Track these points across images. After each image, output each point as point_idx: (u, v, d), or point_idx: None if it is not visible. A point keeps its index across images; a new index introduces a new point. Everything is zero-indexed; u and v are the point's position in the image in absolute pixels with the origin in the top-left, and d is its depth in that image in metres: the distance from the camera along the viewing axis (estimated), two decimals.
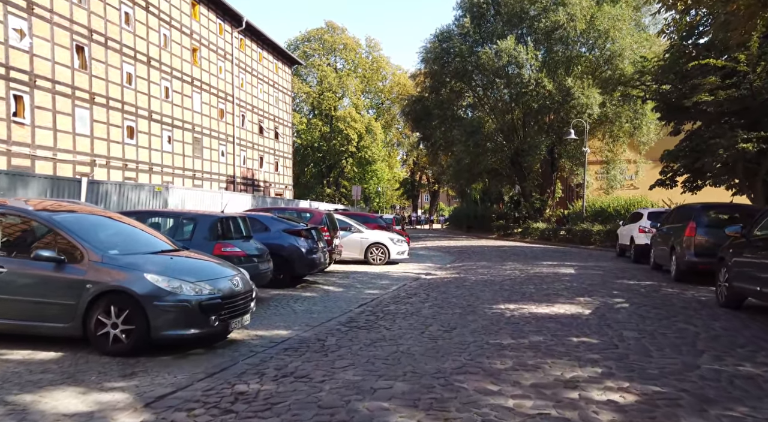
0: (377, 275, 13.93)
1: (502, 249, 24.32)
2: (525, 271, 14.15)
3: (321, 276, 13.40)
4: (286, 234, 11.30)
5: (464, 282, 12.23)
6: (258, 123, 40.25)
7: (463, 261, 18.34)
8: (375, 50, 56.40)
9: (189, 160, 31.65)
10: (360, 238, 16.41)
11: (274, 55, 42.82)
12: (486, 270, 14.89)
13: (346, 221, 16.61)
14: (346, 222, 16.59)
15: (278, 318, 8.14)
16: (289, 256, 11.13)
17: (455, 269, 15.51)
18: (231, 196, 18.83)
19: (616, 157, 32.38)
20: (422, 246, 27.31)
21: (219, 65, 34.96)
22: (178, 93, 30.60)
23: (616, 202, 27.24)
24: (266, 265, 9.53)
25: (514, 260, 18.10)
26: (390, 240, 16.53)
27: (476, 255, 20.66)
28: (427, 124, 34.32)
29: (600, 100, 28.23)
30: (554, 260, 17.94)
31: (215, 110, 34.45)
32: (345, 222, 16.55)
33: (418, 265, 16.68)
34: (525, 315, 7.88)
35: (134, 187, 13.46)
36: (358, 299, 9.99)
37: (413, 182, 64.81)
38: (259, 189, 40.03)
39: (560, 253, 21.42)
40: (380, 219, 19.34)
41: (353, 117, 51.50)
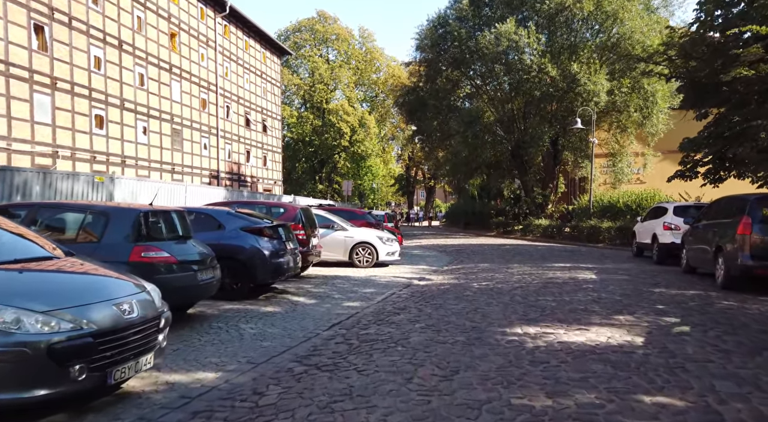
0: (362, 281, 11.67)
1: (503, 248, 22.08)
2: (536, 276, 11.90)
3: (294, 282, 11.13)
4: (245, 234, 9.02)
5: (465, 290, 9.97)
6: (244, 115, 37.88)
7: (462, 262, 16.10)
8: (368, 41, 54.02)
9: (167, 153, 29.30)
10: (344, 237, 14.14)
11: (262, 43, 40.42)
12: (489, 274, 12.64)
13: (328, 218, 14.34)
14: (328, 219, 14.32)
15: (213, 349, 5.87)
16: (247, 260, 8.86)
17: (453, 273, 13.26)
18: (198, 189, 16.52)
19: (623, 150, 30.17)
20: (416, 244, 25.05)
21: (200, 52, 32.57)
22: (155, 80, 28.22)
23: (626, 197, 25.02)
24: (210, 274, 7.25)
25: (519, 261, 15.87)
26: (378, 240, 14.26)
27: (476, 256, 18.42)
28: (422, 116, 32.00)
29: (608, 87, 26.00)
30: (565, 261, 15.71)
31: (196, 100, 32.06)
32: (326, 219, 14.29)
33: (411, 268, 14.43)
34: (554, 346, 5.62)
35: (66, 176, 11.20)
36: (330, 316, 7.73)
37: (408, 178, 62.48)
38: (246, 184, 37.69)
39: (569, 253, 19.20)
40: (369, 216, 17.08)
41: (346, 110, 49.12)
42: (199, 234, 8.97)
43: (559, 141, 29.78)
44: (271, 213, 11.60)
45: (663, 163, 32.14)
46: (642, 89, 26.28)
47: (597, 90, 25.45)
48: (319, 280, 11.60)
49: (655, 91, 26.11)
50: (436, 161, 38.91)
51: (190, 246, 7.22)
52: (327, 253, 13.97)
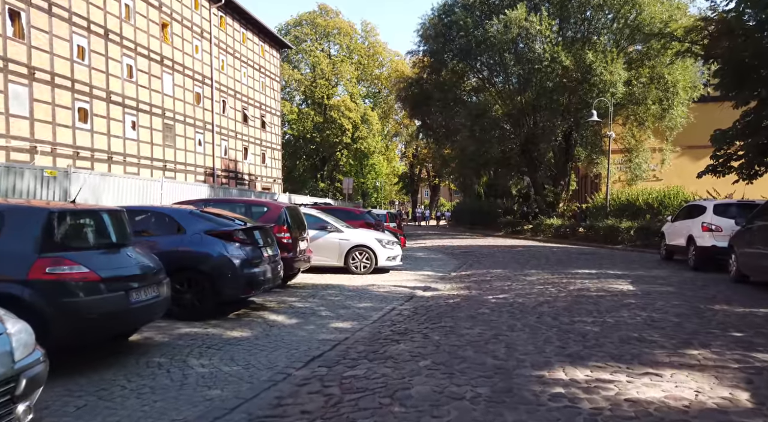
0: (357, 291, 9.93)
1: (514, 250, 20.29)
2: (561, 286, 10.13)
3: (276, 294, 9.39)
4: (210, 238, 7.28)
5: (479, 306, 8.21)
6: (242, 110, 36.20)
7: (472, 267, 14.33)
8: (371, 35, 52.22)
9: (158, 149, 27.64)
10: (338, 240, 12.38)
11: (260, 36, 38.71)
12: (505, 283, 10.88)
13: (320, 218, 12.59)
14: (320, 219, 12.57)
15: (136, 404, 4.14)
16: (212, 271, 7.13)
17: (463, 281, 11.50)
18: (177, 186, 14.78)
19: (640, 145, 28.27)
20: (421, 245, 23.28)
21: (195, 44, 30.88)
22: (144, 72, 26.55)
23: (646, 195, 23.15)
24: (152, 293, 5.52)
25: (536, 266, 14.09)
26: (377, 243, 12.51)
27: (486, 259, 16.63)
28: (427, 110, 30.18)
29: (625, 77, 24.12)
30: (588, 266, 13.91)
31: (190, 94, 30.38)
32: (319, 220, 12.54)
33: (415, 274, 12.67)
34: (621, 407, 3.85)
35: (6, 169, 9.47)
36: (311, 345, 5.99)
37: (412, 176, 60.62)
38: (244, 182, 36.02)
39: (588, 256, 17.38)
40: (367, 216, 15.32)
41: (348, 106, 47.32)
42: (153, 238, 7.26)
43: (573, 135, 27.90)
44: (250, 213, 9.86)
45: (680, 159, 30.30)
46: (662, 79, 24.39)
47: (614, 80, 23.58)
48: (307, 291, 9.86)
49: (675, 81, 24.23)
50: (442, 158, 37.09)
51: (125, 257, 5.48)
52: (319, 258, 12.23)
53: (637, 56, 25.64)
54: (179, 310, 7.09)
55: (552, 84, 25.26)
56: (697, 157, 32.79)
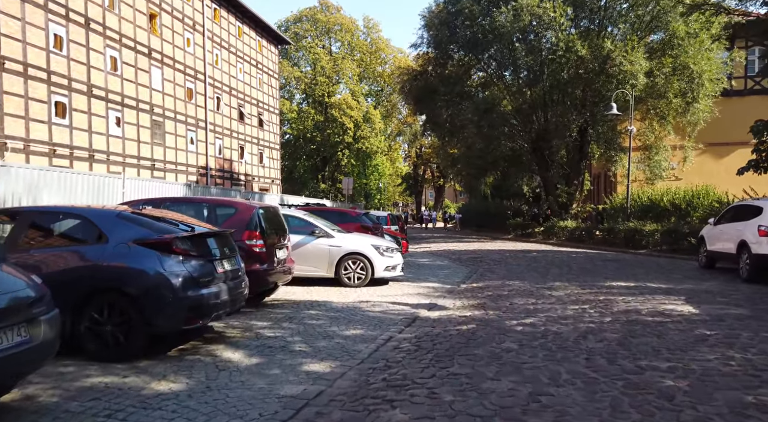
0: (346, 311, 7.98)
1: (529, 255, 18.28)
2: (601, 306, 8.14)
3: (245, 316, 7.46)
4: (140, 249, 5.35)
5: (502, 338, 6.24)
6: (237, 107, 34.34)
7: (484, 277, 12.35)
8: (373, 32, 50.23)
9: (146, 148, 25.79)
10: (328, 247, 10.44)
11: (257, 31, 36.87)
12: (528, 300, 8.90)
13: (307, 221, 10.65)
14: (307, 222, 10.63)
15: None
16: (141, 294, 5.21)
17: (476, 296, 9.52)
18: (146, 184, 12.77)
19: (660, 141, 26.17)
20: (425, 250, 21.32)
21: (186, 37, 29.06)
22: (130, 65, 24.72)
23: (671, 195, 21.07)
24: (16, 338, 3.59)
25: (559, 276, 12.11)
26: (374, 250, 10.56)
27: (499, 266, 14.65)
28: (431, 104, 28.17)
29: (646, 68, 22.08)
30: (621, 277, 11.90)
31: (181, 89, 28.55)
32: (305, 223, 10.61)
33: (417, 287, 10.71)
34: None
35: None
36: (267, 403, 4.06)
37: (416, 177, 58.58)
38: (240, 183, 34.16)
39: (614, 263, 15.35)
40: (364, 218, 13.35)
41: (349, 104, 45.37)
42: (60, 250, 5.33)
43: (588, 131, 25.83)
44: (214, 216, 7.94)
45: (701, 157, 28.17)
46: (686, 69, 22.32)
47: (635, 70, 21.55)
48: (283, 312, 7.91)
49: (701, 71, 22.17)
50: (447, 156, 35.08)
51: None
52: (305, 268, 10.30)
53: (658, 46, 23.58)
54: (96, 348, 5.18)
55: (567, 75, 23.23)
56: (719, 154, 30.72)
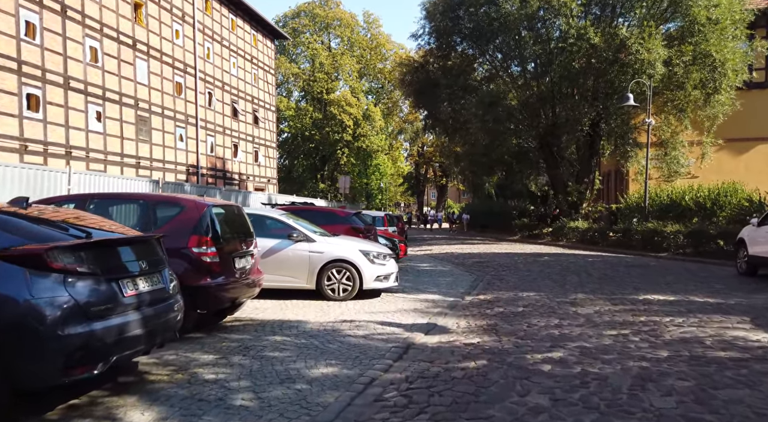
0: (321, 336, 6.24)
1: (540, 259, 16.52)
2: (647, 332, 6.37)
3: (189, 343, 5.74)
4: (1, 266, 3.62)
5: (526, 385, 4.49)
6: (231, 103, 32.68)
7: (492, 287, 10.61)
8: (374, 27, 48.48)
9: (131, 144, 24.14)
10: (308, 253, 8.71)
11: (252, 25, 35.22)
12: (550, 320, 7.16)
13: (284, 223, 8.94)
14: (284, 224, 8.91)
15: None
16: None
17: (484, 314, 7.79)
18: (97, 179, 10.95)
19: (676, 137, 24.35)
20: (426, 253, 19.59)
21: (175, 28, 27.41)
22: (112, 57, 23.07)
23: (693, 193, 19.24)
24: None
25: (579, 285, 10.36)
26: (362, 257, 8.83)
27: (509, 273, 12.90)
28: (433, 98, 26.40)
29: (665, 56, 20.28)
30: (654, 287, 10.13)
31: (169, 83, 26.90)
32: (282, 225, 8.90)
33: (414, 300, 8.97)
34: None
35: None
36: None
37: (418, 176, 56.77)
38: (233, 182, 32.51)
39: (638, 268, 13.56)
40: (355, 219, 11.61)
41: (349, 101, 43.63)
42: None
43: (600, 126, 23.99)
44: (153, 217, 6.21)
45: (718, 154, 26.32)
46: (707, 58, 20.51)
47: (652, 59, 19.77)
48: (242, 338, 6.17)
49: (724, 59, 20.36)
50: (450, 154, 33.32)
51: None
52: (280, 278, 8.61)
53: (676, 33, 21.76)
54: None
55: (578, 66, 21.44)
56: (738, 150, 28.83)
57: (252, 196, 18.02)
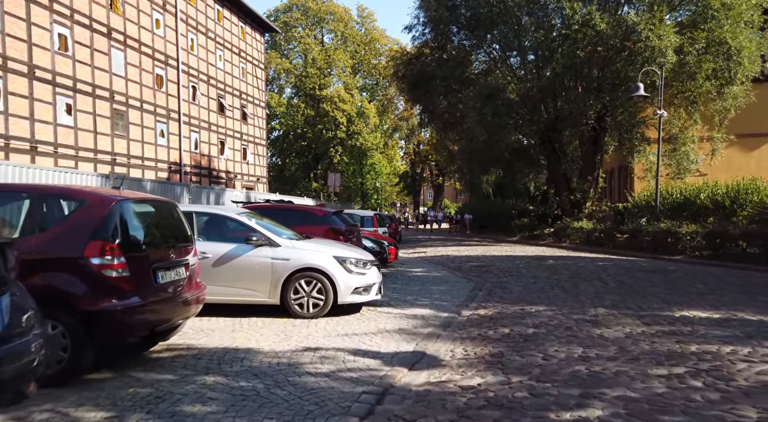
0: (269, 376, 4.61)
1: (545, 263, 14.93)
2: (711, 371, 4.74)
3: (80, 389, 4.10)
4: None
5: None
6: (217, 98, 31.02)
7: (494, 297, 9.02)
8: (368, 21, 46.86)
9: (105, 140, 22.48)
10: (270, 260, 7.10)
11: (240, 16, 33.58)
12: (572, 348, 5.57)
13: (241, 224, 7.31)
14: (241, 226, 7.29)
15: None
16: None
17: (486, 338, 6.19)
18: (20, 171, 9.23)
19: (686, 131, 22.80)
20: (420, 256, 17.99)
21: (155, 18, 25.75)
22: (84, 46, 21.41)
23: (708, 190, 17.66)
24: None
25: (596, 297, 8.77)
26: (337, 264, 7.22)
27: (511, 279, 11.31)
28: (428, 91, 24.76)
29: (677, 43, 18.72)
30: (689, 300, 8.53)
31: (149, 76, 25.24)
32: (238, 227, 7.29)
33: (400, 317, 7.36)
34: None
35: None
36: None
37: (414, 175, 55.15)
38: (220, 180, 30.86)
39: (657, 274, 11.97)
40: (334, 219, 9.98)
41: (342, 97, 41.98)
42: None
43: (606, 119, 22.40)
44: (36, 217, 4.56)
45: (727, 150, 24.78)
46: (722, 45, 18.95)
47: (664, 46, 18.21)
48: (161, 379, 4.55)
49: (740, 47, 18.80)
50: (445, 151, 31.74)
51: None
52: (234, 291, 7.03)
53: (688, 20, 20.19)
54: None
55: (583, 54, 19.85)
56: (749, 146, 27.27)
57: (227, 193, 16.36)
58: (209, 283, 6.97)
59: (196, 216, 7.24)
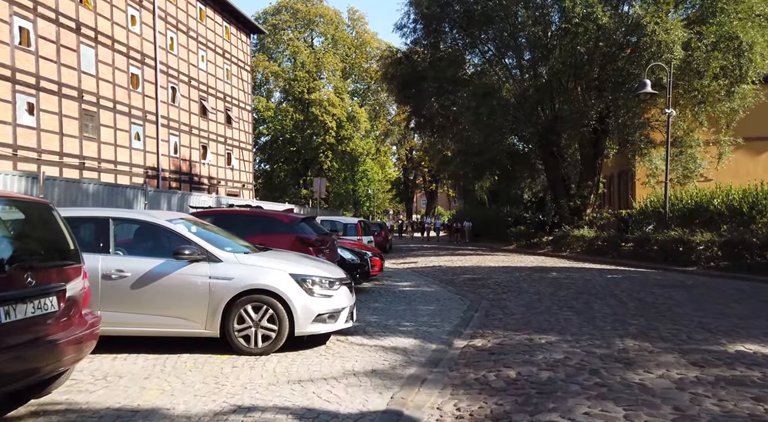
0: None
1: (548, 276, 13.35)
2: None
3: None
4: None
5: None
6: (199, 100, 29.41)
7: (493, 322, 7.44)
8: (359, 24, 45.44)
9: (73, 142, 20.81)
10: (208, 280, 5.47)
11: (224, 16, 32.07)
12: (608, 407, 3.99)
13: (172, 233, 5.66)
14: (172, 235, 5.65)
15: None
16: None
17: (485, 385, 4.60)
18: None
19: (692, 134, 21.39)
20: (410, 266, 16.38)
21: (130, 14, 24.18)
22: (49, 41, 19.79)
23: (723, 195, 16.14)
24: None
25: (618, 323, 7.20)
26: (294, 285, 5.61)
27: (512, 297, 9.72)
28: (419, 92, 23.22)
29: (685, 38, 17.33)
30: (741, 330, 6.89)
31: (123, 75, 23.61)
32: (169, 237, 5.65)
33: (375, 351, 5.75)
34: None
35: None
36: None
37: (407, 182, 53.59)
38: (202, 187, 29.18)
39: (680, 292, 10.40)
40: (303, 226, 8.34)
41: (332, 101, 40.45)
42: None
43: (608, 120, 20.92)
44: None
45: (733, 154, 23.41)
46: (732, 41, 17.56)
47: (671, 41, 16.81)
48: None
49: (752, 42, 17.42)
50: (438, 155, 30.25)
51: None
52: (159, 320, 5.39)
53: (695, 15, 18.82)
54: None
55: (584, 50, 18.40)
56: (756, 150, 25.85)
57: (193, 198, 14.62)
58: (127, 310, 5.37)
59: (114, 224, 5.62)
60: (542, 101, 21.72)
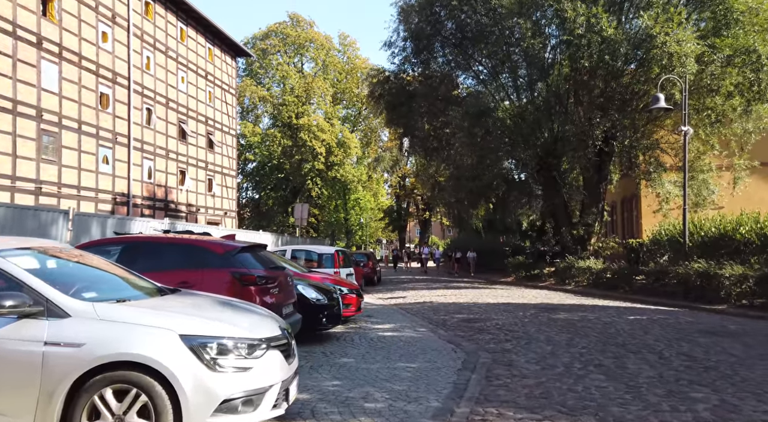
0: None
1: (557, 317, 11.21)
2: None
3: None
4: None
5: None
6: (177, 123, 27.60)
7: (498, 392, 5.31)
8: (350, 49, 44.25)
9: (29, 165, 18.81)
10: (42, 346, 3.35)
11: (208, 37, 30.60)
12: None
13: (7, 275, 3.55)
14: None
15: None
16: None
17: None
18: None
19: (703, 157, 19.65)
20: (397, 302, 14.22)
21: (101, 30, 22.54)
22: (4, 55, 17.99)
23: (753, 223, 14.15)
24: None
25: (675, 396, 5.10)
26: (186, 353, 3.49)
27: (518, 348, 7.62)
28: (409, 112, 21.49)
29: (698, 51, 15.70)
30: None
31: (91, 94, 21.79)
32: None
33: None
34: None
35: None
36: None
37: (400, 210, 51.64)
38: (179, 215, 27.08)
39: (726, 341, 8.27)
40: (244, 258, 6.20)
41: (321, 126, 38.81)
42: None
43: (613, 142, 19.12)
44: None
45: (752, 180, 21.65)
46: (751, 54, 15.95)
47: (684, 52, 15.17)
48: None
49: None
50: (431, 180, 28.40)
51: None
52: None
53: (706, 29, 17.26)
54: None
55: (588, 65, 16.73)
56: None
57: (137, 223, 12.33)
58: None
59: None
60: (541, 121, 19.96)
